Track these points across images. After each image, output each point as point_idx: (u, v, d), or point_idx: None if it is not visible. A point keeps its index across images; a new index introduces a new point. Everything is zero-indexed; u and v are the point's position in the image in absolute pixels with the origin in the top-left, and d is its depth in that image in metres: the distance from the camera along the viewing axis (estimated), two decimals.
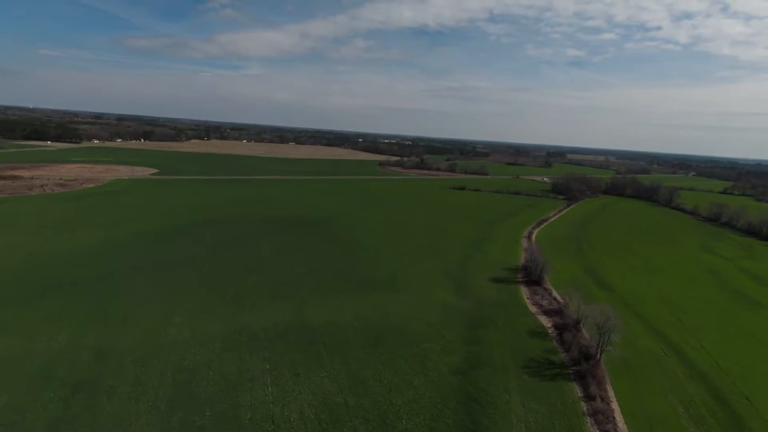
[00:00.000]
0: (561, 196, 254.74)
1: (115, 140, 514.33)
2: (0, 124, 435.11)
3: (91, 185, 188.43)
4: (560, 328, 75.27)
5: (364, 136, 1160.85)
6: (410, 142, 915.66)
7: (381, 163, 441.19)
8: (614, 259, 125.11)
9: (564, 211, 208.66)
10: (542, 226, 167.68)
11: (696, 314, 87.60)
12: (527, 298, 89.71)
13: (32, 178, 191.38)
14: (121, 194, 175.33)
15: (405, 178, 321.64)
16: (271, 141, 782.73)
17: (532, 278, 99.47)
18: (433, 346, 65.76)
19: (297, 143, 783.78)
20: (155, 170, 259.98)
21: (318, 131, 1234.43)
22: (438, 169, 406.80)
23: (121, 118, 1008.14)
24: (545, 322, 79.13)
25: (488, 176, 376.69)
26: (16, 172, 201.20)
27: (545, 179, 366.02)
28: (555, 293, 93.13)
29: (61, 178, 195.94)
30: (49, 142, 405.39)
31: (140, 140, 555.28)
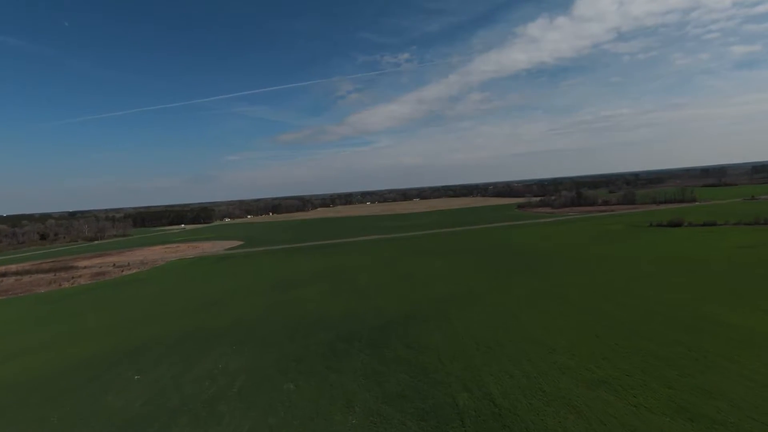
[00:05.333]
0: None
1: (245, 216, 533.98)
2: (151, 215, 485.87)
3: (135, 270, 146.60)
4: None
5: (493, 184, 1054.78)
6: (549, 183, 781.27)
7: (520, 206, 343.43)
8: None
9: None
10: None
11: None
12: None
13: (85, 267, 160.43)
14: (149, 282, 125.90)
15: (562, 219, 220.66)
16: (395, 200, 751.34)
17: None
18: None
19: (421, 198, 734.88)
20: (239, 242, 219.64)
21: (444, 186, 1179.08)
22: (606, 203, 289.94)
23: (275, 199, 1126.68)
24: None
25: (696, 203, 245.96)
26: (79, 262, 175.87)
27: None
28: None
29: (114, 265, 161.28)
30: (183, 225, 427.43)
31: (269, 214, 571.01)
